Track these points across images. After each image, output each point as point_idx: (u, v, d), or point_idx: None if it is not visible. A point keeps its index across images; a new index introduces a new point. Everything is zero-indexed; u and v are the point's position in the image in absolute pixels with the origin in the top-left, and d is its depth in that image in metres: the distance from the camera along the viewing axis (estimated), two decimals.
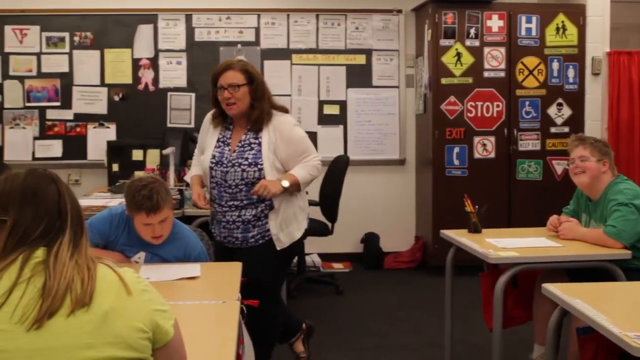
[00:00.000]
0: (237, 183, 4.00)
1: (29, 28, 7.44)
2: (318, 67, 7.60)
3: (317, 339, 5.06)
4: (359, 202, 7.53)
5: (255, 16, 7.54)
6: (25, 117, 7.49)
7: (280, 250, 4.08)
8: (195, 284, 3.25)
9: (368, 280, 7.11)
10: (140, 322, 1.79)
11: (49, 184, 1.87)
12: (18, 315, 1.70)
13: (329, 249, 7.43)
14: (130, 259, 3.62)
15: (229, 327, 2.57)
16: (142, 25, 7.47)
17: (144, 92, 7.50)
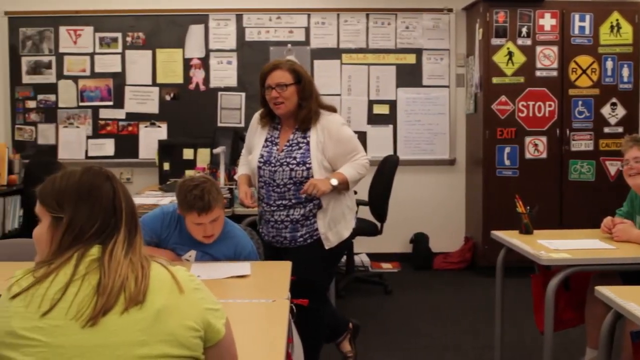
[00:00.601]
0: (285, 182, 4.00)
1: (82, 29, 7.55)
2: (368, 67, 7.59)
3: (365, 338, 5.05)
4: (409, 202, 7.50)
5: (306, 16, 7.55)
6: (78, 117, 7.60)
7: (329, 249, 4.08)
8: (245, 283, 3.26)
9: (417, 280, 7.08)
10: (192, 321, 1.80)
11: (104, 182, 1.88)
12: (73, 312, 1.72)
13: (377, 249, 7.42)
14: (181, 257, 3.65)
15: (278, 326, 2.56)
16: (193, 25, 7.53)
17: (194, 91, 7.56)
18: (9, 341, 1.75)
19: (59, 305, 1.73)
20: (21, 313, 1.75)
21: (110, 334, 1.72)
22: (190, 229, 3.56)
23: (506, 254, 4.30)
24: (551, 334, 3.73)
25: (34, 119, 7.63)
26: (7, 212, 6.85)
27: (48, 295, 1.74)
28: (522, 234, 4.23)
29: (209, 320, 1.84)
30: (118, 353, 1.71)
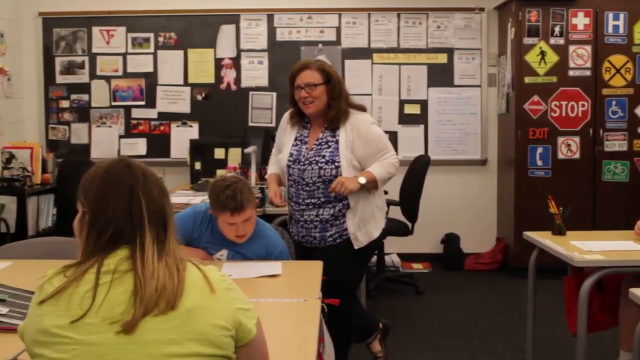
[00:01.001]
0: (314, 181, 4.02)
1: (115, 29, 7.61)
2: (399, 66, 7.57)
3: (395, 339, 5.05)
4: (440, 202, 7.47)
5: (337, 16, 7.55)
6: (111, 116, 7.66)
7: (358, 249, 4.08)
8: (277, 282, 3.26)
9: (448, 281, 7.05)
10: (223, 320, 1.80)
11: (124, 181, 1.86)
12: (105, 312, 1.73)
13: (408, 249, 7.40)
14: (212, 256, 3.66)
15: (310, 326, 2.56)
16: (224, 25, 7.56)
17: (226, 91, 7.59)
18: (42, 339, 1.77)
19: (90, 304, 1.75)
20: (53, 312, 1.76)
21: (142, 332, 1.73)
22: (223, 228, 3.57)
23: (538, 255, 4.27)
24: (584, 336, 3.71)
25: (67, 118, 7.70)
26: (41, 211, 6.92)
27: (79, 294, 1.76)
28: (554, 235, 4.20)
29: (240, 319, 1.84)
30: (149, 351, 1.72)
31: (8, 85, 7.22)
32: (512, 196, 7.09)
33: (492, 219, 7.69)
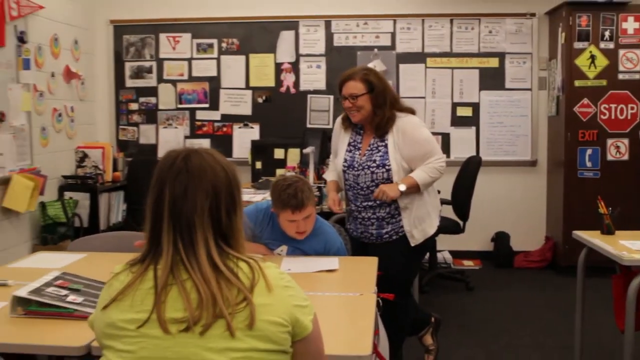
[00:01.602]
0: (368, 185, 4.03)
1: (181, 36, 7.70)
2: (452, 70, 7.52)
3: (446, 333, 5.02)
4: (490, 202, 7.41)
5: (392, 21, 7.53)
6: (177, 118, 7.75)
7: (414, 246, 4.08)
8: (334, 277, 3.27)
9: (498, 278, 6.99)
10: (281, 317, 1.79)
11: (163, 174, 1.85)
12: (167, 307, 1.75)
13: (460, 247, 7.36)
14: (273, 252, 3.69)
15: (366, 319, 2.56)
16: (284, 31, 7.59)
17: (285, 94, 7.62)
18: (110, 332, 1.79)
19: (152, 301, 1.76)
20: (119, 306, 1.79)
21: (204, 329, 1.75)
22: (284, 225, 3.59)
23: (587, 254, 4.21)
24: (632, 334, 3.65)
25: (136, 120, 7.82)
26: (111, 207, 7.05)
27: (142, 290, 1.78)
28: (603, 234, 4.14)
29: (297, 316, 1.83)
30: (210, 345, 1.73)
31: (82, 89, 7.35)
32: (561, 196, 7.00)
33: (542, 219, 7.59)
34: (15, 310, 2.59)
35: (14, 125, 5.93)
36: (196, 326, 1.72)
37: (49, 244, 6.18)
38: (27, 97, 6.11)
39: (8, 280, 3.11)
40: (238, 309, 1.74)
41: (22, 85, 6.06)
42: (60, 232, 6.29)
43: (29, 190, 5.89)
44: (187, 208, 1.80)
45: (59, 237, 6.25)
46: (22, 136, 6.05)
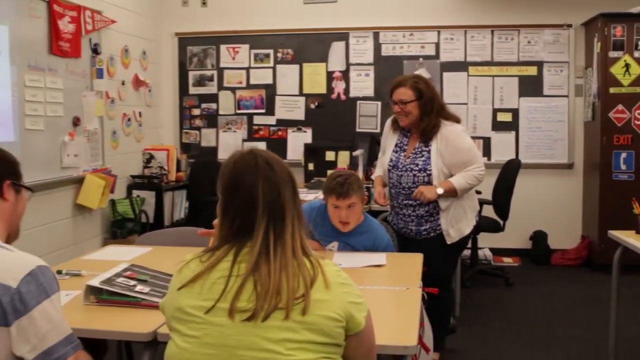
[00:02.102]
0: (409, 186, 4.04)
1: (240, 47, 7.74)
2: (492, 78, 7.44)
3: (486, 325, 4.98)
4: (529, 202, 7.30)
5: (436, 32, 7.48)
6: (235, 122, 7.80)
7: (450, 243, 4.07)
8: (382, 272, 3.26)
9: (536, 274, 6.88)
10: (336, 313, 1.78)
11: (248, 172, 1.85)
12: (232, 297, 1.75)
13: (499, 244, 7.27)
14: (325, 248, 3.69)
15: (412, 312, 2.54)
16: (335, 42, 7.59)
17: (336, 100, 7.61)
18: (178, 316, 1.81)
19: (220, 290, 1.77)
20: (188, 293, 1.80)
21: (264, 319, 1.74)
22: (330, 212, 3.62)
23: (622, 253, 4.13)
24: None
25: (198, 124, 7.88)
26: (175, 204, 7.11)
27: (211, 280, 1.79)
28: (638, 234, 4.05)
29: (351, 312, 1.82)
30: (269, 335, 1.73)
31: (149, 95, 7.44)
32: (597, 198, 6.87)
33: (578, 218, 7.46)
34: (88, 298, 2.62)
35: (88, 129, 6.02)
36: (258, 315, 1.72)
37: (118, 238, 6.26)
38: (99, 103, 6.20)
39: (82, 270, 3.16)
40: (297, 302, 1.74)
41: (96, 93, 6.15)
42: (128, 227, 6.37)
43: (101, 189, 5.97)
44: (279, 199, 1.84)
45: (127, 231, 6.33)
46: (95, 139, 6.15)
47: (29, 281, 1.88)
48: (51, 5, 5.45)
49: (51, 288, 1.93)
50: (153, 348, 2.34)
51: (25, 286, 1.87)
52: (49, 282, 1.93)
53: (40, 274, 1.91)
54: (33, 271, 1.90)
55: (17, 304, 1.85)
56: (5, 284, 1.86)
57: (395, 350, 2.19)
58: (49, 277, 1.94)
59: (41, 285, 1.90)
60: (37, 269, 1.92)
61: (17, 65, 5.07)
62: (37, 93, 5.29)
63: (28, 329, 1.85)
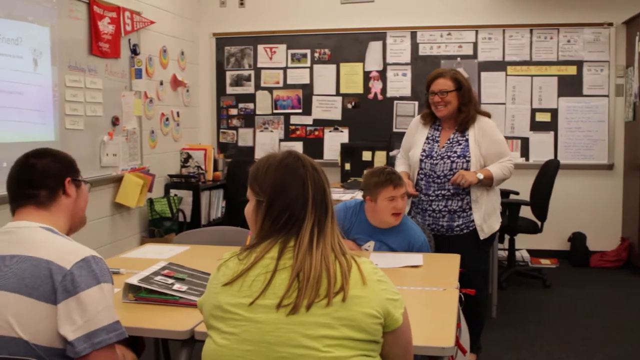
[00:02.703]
0: (445, 173, 4.05)
1: (277, 47, 7.76)
2: (531, 78, 7.36)
3: (524, 328, 4.92)
4: (568, 203, 7.21)
5: (474, 32, 7.42)
6: (272, 122, 7.82)
7: (482, 239, 4.08)
8: (418, 272, 3.24)
9: (574, 276, 6.79)
10: (374, 310, 1.79)
11: (298, 170, 1.89)
12: (272, 296, 1.77)
13: (537, 246, 7.20)
14: (361, 248, 3.68)
15: (449, 312, 2.53)
16: (372, 42, 7.57)
17: (373, 100, 7.60)
18: (217, 314, 1.82)
19: (260, 288, 1.78)
20: (227, 291, 1.82)
21: (303, 315, 1.75)
22: (382, 208, 3.59)
23: None
24: None
25: (235, 124, 7.92)
26: (212, 203, 7.15)
27: (250, 277, 1.80)
28: None
29: (389, 309, 1.83)
30: (307, 332, 1.74)
31: (187, 95, 7.49)
32: (637, 199, 6.76)
33: (618, 220, 7.35)
34: (127, 296, 2.65)
35: (127, 128, 6.08)
36: (297, 311, 1.74)
37: (156, 237, 6.31)
38: (138, 103, 6.26)
39: (120, 269, 3.19)
40: (336, 294, 1.76)
41: (134, 93, 6.22)
42: (165, 226, 6.42)
43: (139, 188, 6.03)
44: (324, 197, 1.90)
45: (164, 230, 6.38)
46: (133, 138, 6.21)
47: (82, 266, 2.02)
48: (91, 7, 5.52)
49: (103, 277, 2.05)
50: (190, 346, 2.35)
51: (77, 270, 2.00)
52: (101, 271, 2.06)
53: (93, 262, 2.05)
54: (87, 258, 2.04)
55: (68, 284, 1.97)
56: (60, 265, 1.99)
57: (432, 351, 2.18)
58: (101, 267, 2.07)
59: (93, 272, 2.02)
60: (91, 257, 2.06)
61: (58, 65, 5.14)
62: (77, 93, 5.36)
63: (74, 310, 1.96)
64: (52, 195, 2.24)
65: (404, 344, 1.93)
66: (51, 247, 2.05)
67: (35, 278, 1.98)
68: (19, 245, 2.06)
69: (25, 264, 2.01)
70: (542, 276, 6.46)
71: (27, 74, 4.80)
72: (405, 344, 1.94)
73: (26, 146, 4.69)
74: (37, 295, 1.97)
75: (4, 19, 4.55)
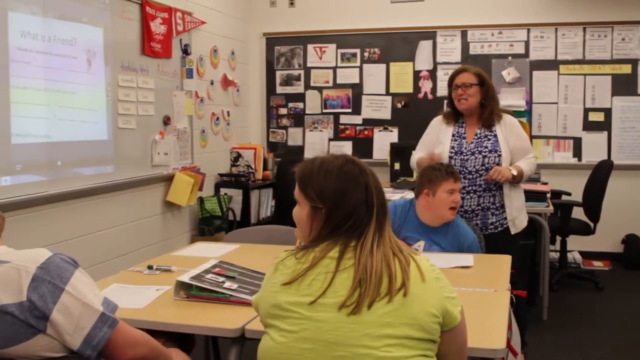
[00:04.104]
0: (477, 169, 4.06)
1: (327, 46, 7.77)
2: (584, 77, 7.23)
3: (576, 329, 4.85)
4: (621, 205, 7.05)
5: (525, 30, 7.32)
6: (322, 122, 7.83)
7: (514, 235, 4.10)
8: (469, 273, 3.21)
9: (628, 279, 6.65)
10: (433, 308, 1.79)
11: (359, 176, 1.90)
12: (332, 293, 1.78)
13: (590, 248, 7.07)
14: (411, 247, 3.65)
15: (500, 314, 2.51)
16: (422, 41, 7.53)
17: (423, 100, 7.55)
18: (275, 312, 1.83)
19: (320, 287, 1.79)
20: (286, 289, 1.82)
21: (363, 314, 1.75)
22: (440, 201, 3.61)
23: None
24: None
25: (285, 123, 7.95)
26: (261, 202, 7.19)
27: (310, 277, 1.81)
28: None
29: (447, 307, 1.83)
30: (368, 331, 1.74)
31: (237, 95, 7.54)
32: None
33: None
34: (178, 293, 2.68)
35: (178, 128, 6.15)
36: (359, 311, 1.74)
37: (206, 235, 6.37)
38: (189, 102, 6.33)
39: (172, 266, 3.22)
40: (397, 294, 1.76)
41: (185, 92, 6.28)
42: (215, 225, 6.47)
43: (190, 186, 6.09)
44: (384, 200, 1.93)
45: (214, 229, 6.43)
46: (184, 138, 6.27)
47: (36, 287, 1.87)
48: (144, 8, 5.59)
49: (61, 279, 1.91)
50: (240, 344, 2.36)
51: (34, 294, 1.86)
52: (56, 274, 1.91)
53: (44, 273, 1.89)
54: (36, 275, 1.88)
55: (36, 313, 1.86)
56: (14, 303, 1.86)
57: (484, 353, 2.16)
58: (54, 269, 1.91)
59: (50, 282, 1.88)
60: (40, 270, 1.89)
61: (111, 65, 5.22)
62: (129, 93, 5.44)
63: (59, 329, 1.88)
64: None
65: (460, 342, 1.93)
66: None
67: (3, 329, 1.86)
68: None
69: None
70: (595, 278, 6.35)
71: (81, 74, 4.89)
72: (462, 342, 1.94)
73: (80, 145, 4.83)
74: (20, 339, 1.86)
75: (59, 20, 4.64)
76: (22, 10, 4.31)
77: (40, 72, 4.47)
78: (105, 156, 5.19)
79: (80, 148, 4.89)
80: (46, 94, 4.53)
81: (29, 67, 4.36)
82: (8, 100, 4.19)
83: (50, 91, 4.56)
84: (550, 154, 7.24)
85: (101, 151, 5.14)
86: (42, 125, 4.51)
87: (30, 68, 4.38)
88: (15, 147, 4.26)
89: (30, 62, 4.38)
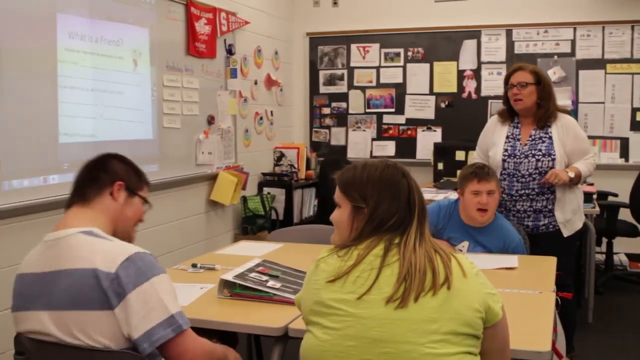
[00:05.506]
0: (530, 172, 3.99)
1: (370, 46, 7.76)
2: (632, 76, 7.10)
3: (621, 333, 4.78)
4: None
5: (572, 29, 7.22)
6: (365, 121, 7.82)
7: (567, 237, 4.01)
8: (514, 274, 3.19)
9: None
10: (476, 303, 1.81)
11: (401, 179, 1.94)
12: (376, 289, 1.79)
13: (637, 250, 6.92)
14: (455, 248, 3.64)
15: (545, 316, 2.49)
16: (467, 40, 7.47)
17: (467, 99, 7.50)
18: (318, 309, 1.84)
19: (364, 284, 1.80)
20: (329, 287, 1.84)
21: (408, 310, 1.76)
22: (467, 202, 3.59)
23: None
24: None
25: (328, 123, 7.96)
26: (304, 202, 7.20)
27: (354, 274, 1.82)
28: None
29: (489, 303, 1.85)
30: (413, 327, 1.75)
31: (280, 95, 7.57)
32: None
33: None
34: (222, 292, 2.70)
35: (222, 127, 6.19)
36: (405, 305, 1.76)
37: (249, 234, 6.40)
38: (233, 102, 6.37)
39: (216, 265, 3.25)
40: (442, 287, 1.78)
41: (229, 92, 6.32)
42: (259, 224, 6.50)
43: (233, 186, 6.13)
44: (424, 202, 1.97)
45: (257, 228, 6.47)
46: (228, 137, 6.31)
47: (127, 266, 1.98)
48: (189, 8, 5.64)
49: (151, 271, 2.01)
50: (283, 343, 2.38)
51: (123, 270, 1.97)
52: (148, 266, 2.02)
53: (138, 259, 2.01)
54: (131, 257, 2.00)
55: (117, 288, 1.96)
56: (104, 270, 1.97)
57: (528, 355, 2.14)
58: (148, 261, 2.03)
59: (139, 269, 1.99)
60: (135, 254, 2.02)
61: (157, 66, 5.28)
62: (174, 92, 5.50)
63: (129, 311, 1.95)
64: (97, 191, 2.19)
65: (502, 339, 1.94)
66: (93, 253, 2.01)
67: (85, 290, 1.96)
68: (61, 259, 2.03)
69: (71, 279, 1.99)
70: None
71: (127, 74, 4.96)
72: (504, 339, 1.95)
73: (126, 144, 4.89)
74: (93, 306, 1.95)
75: (106, 21, 4.71)
76: (70, 12, 4.38)
77: (87, 73, 4.54)
78: (151, 155, 5.25)
79: (126, 147, 4.94)
80: (93, 94, 4.60)
81: (76, 68, 4.44)
82: (56, 100, 4.27)
83: (97, 91, 4.63)
84: (596, 154, 7.12)
85: (146, 150, 5.20)
86: (88, 124, 4.58)
87: (78, 68, 4.46)
88: (63, 146, 4.33)
89: (78, 62, 4.46)
